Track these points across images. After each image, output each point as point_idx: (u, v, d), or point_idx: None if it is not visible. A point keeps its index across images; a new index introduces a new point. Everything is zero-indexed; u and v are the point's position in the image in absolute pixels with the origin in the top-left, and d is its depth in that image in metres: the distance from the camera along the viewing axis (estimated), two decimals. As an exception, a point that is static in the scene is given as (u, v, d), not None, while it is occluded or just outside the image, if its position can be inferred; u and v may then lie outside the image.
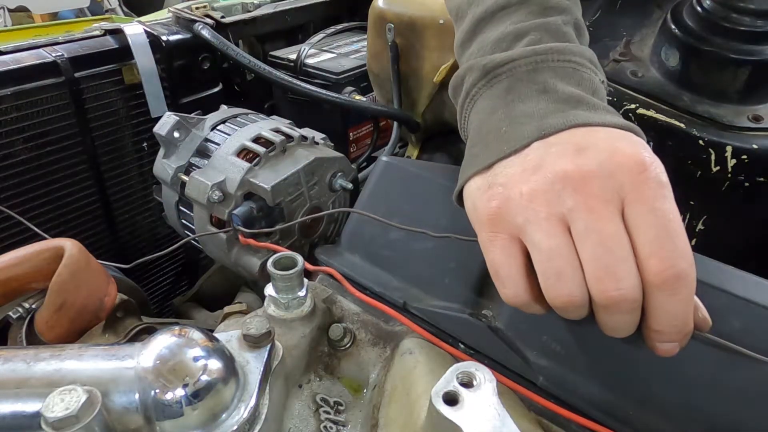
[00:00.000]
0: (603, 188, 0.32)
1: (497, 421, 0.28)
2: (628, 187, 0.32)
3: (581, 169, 0.33)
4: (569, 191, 0.33)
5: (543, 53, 0.41)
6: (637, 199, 0.32)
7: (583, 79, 0.41)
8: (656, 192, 0.32)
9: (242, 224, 0.64)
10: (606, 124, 0.37)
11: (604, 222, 0.32)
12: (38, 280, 0.51)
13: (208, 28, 0.89)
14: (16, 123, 0.78)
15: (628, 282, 0.32)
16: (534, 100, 0.39)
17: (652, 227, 0.32)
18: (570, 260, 0.33)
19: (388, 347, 0.47)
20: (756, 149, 0.52)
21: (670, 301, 0.32)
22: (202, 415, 0.34)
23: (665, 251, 0.31)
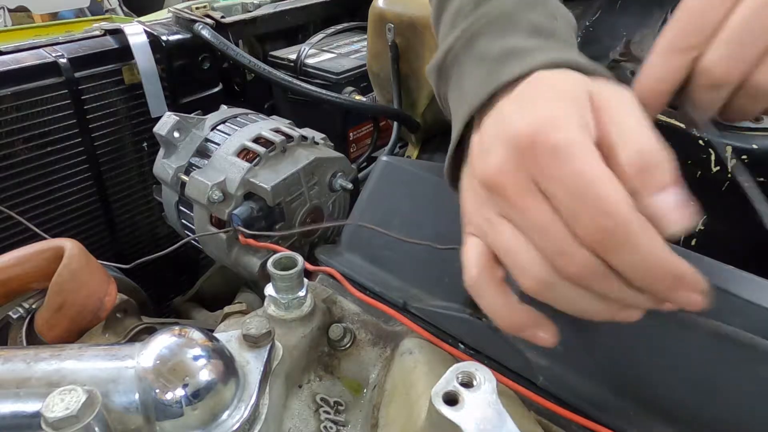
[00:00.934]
0: (514, 181, 0.32)
1: (497, 421, 0.28)
2: (531, 169, 0.32)
3: (493, 171, 0.33)
4: (494, 197, 0.34)
5: (471, 25, 0.41)
6: (542, 178, 0.31)
7: (517, 27, 0.40)
8: (553, 162, 0.30)
9: (242, 224, 0.65)
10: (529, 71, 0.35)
11: (530, 211, 0.32)
12: (38, 280, 0.51)
13: (208, 28, 0.89)
14: (16, 123, 0.78)
15: (578, 258, 0.31)
16: (473, 74, 0.39)
17: (563, 198, 0.30)
18: (522, 251, 0.33)
19: (388, 347, 0.47)
20: (756, 149, 0.52)
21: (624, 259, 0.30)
22: (202, 415, 0.34)
23: (582, 216, 0.30)
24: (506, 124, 0.33)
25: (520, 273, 0.33)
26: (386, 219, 0.54)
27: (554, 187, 0.31)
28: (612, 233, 0.29)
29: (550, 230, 0.31)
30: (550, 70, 0.35)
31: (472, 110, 0.38)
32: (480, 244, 0.37)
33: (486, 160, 0.34)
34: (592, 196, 0.29)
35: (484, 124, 0.36)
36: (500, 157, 0.33)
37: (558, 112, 0.32)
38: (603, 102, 0.33)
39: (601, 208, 0.29)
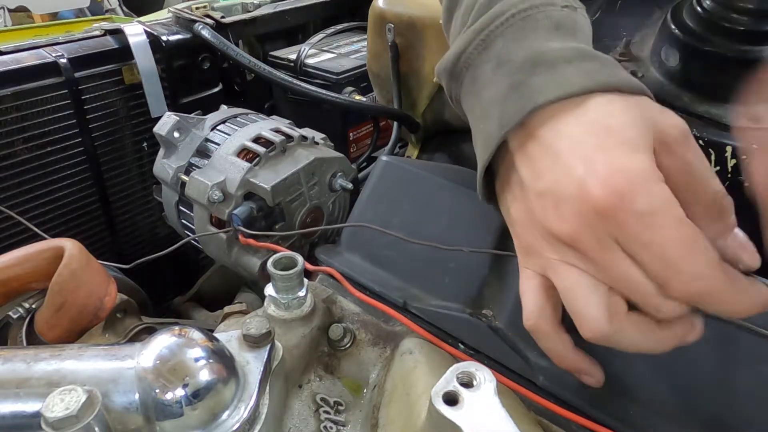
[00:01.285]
0: (595, 242, 0.31)
1: (497, 421, 0.28)
2: (614, 231, 0.31)
3: (568, 231, 0.32)
4: (565, 247, 0.33)
5: (485, 26, 0.38)
6: (626, 240, 0.31)
7: (537, 25, 0.37)
8: (639, 229, 0.30)
9: (242, 224, 0.64)
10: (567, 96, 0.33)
11: (614, 267, 0.31)
12: (38, 280, 0.51)
13: (208, 28, 0.89)
14: (16, 123, 0.78)
15: (665, 309, 0.31)
16: (493, 82, 0.37)
17: (651, 263, 0.30)
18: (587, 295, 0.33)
19: (388, 347, 0.47)
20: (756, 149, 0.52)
21: (711, 308, 0.31)
22: (202, 415, 0.34)
23: (673, 281, 0.30)
24: (577, 179, 0.31)
25: (583, 321, 0.33)
26: (386, 219, 0.54)
27: (641, 252, 0.30)
28: (703, 294, 0.30)
29: (636, 286, 0.31)
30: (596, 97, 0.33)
31: (503, 134, 0.35)
32: (539, 284, 0.36)
33: (559, 216, 0.33)
34: (683, 261, 0.30)
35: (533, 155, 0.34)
36: (578, 219, 0.32)
37: (634, 165, 0.30)
38: (668, 138, 0.32)
39: (692, 273, 0.30)
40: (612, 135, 0.32)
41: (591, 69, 0.34)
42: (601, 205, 0.30)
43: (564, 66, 0.34)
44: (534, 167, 0.34)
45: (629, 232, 0.30)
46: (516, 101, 0.35)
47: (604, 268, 0.32)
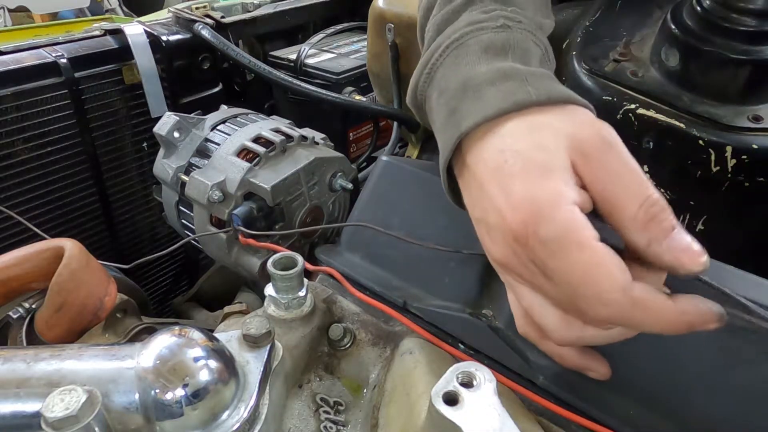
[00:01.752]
0: (520, 269, 0.33)
1: (497, 421, 0.28)
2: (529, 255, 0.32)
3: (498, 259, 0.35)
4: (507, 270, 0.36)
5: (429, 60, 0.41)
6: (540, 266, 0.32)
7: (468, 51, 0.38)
8: (545, 253, 0.31)
9: (242, 224, 0.64)
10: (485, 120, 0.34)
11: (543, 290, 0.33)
12: (38, 280, 0.51)
13: (208, 28, 0.89)
14: (16, 123, 0.78)
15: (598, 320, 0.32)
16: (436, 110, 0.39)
17: (560, 287, 0.32)
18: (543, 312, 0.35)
19: (388, 347, 0.47)
20: (756, 149, 0.52)
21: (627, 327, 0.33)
22: (202, 415, 0.34)
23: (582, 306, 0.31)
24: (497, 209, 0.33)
25: (548, 333, 0.35)
26: (386, 219, 0.54)
27: (552, 277, 0.31)
28: (613, 319, 0.31)
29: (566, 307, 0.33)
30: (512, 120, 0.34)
31: (445, 162, 0.37)
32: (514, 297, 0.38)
33: (491, 241, 0.35)
34: (585, 288, 0.30)
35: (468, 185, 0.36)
36: (502, 243, 0.33)
37: (540, 192, 0.31)
38: (589, 150, 0.32)
39: (596, 299, 0.30)
40: (522, 160, 0.32)
41: (509, 89, 0.35)
42: (516, 232, 0.32)
43: (487, 89, 0.35)
44: (470, 195, 0.36)
45: (538, 258, 0.31)
46: (450, 129, 0.36)
47: (536, 287, 0.34)
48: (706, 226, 0.58)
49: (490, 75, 0.36)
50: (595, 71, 0.61)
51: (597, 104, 0.60)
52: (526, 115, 0.34)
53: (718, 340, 0.39)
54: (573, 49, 0.65)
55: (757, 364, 0.38)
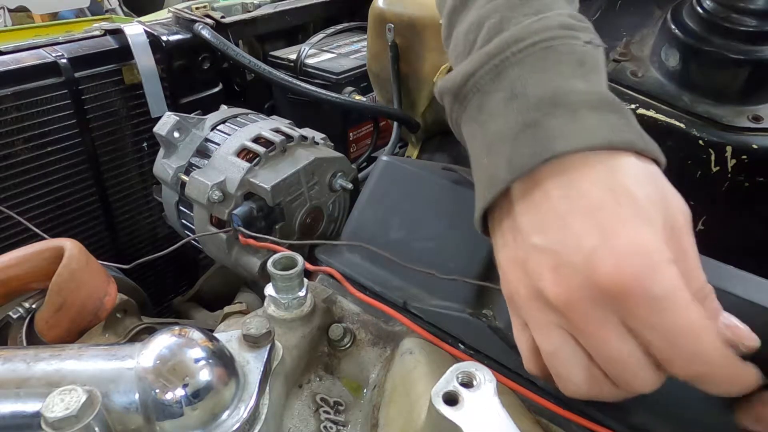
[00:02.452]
0: (594, 317, 0.30)
1: (497, 421, 0.28)
2: (620, 312, 0.30)
3: (564, 297, 0.30)
4: (557, 313, 0.31)
5: (500, 51, 0.34)
6: (634, 323, 0.30)
7: (560, 59, 0.33)
8: (651, 312, 0.29)
9: (242, 224, 0.64)
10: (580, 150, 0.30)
11: (607, 344, 0.30)
12: (38, 280, 0.51)
13: (208, 28, 0.89)
14: (16, 123, 0.78)
15: (650, 381, 0.31)
16: (503, 115, 0.34)
17: (658, 345, 0.30)
18: (571, 364, 0.32)
19: (388, 347, 0.47)
20: (756, 149, 0.52)
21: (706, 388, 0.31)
22: (202, 415, 0.34)
23: (677, 362, 0.30)
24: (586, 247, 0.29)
25: (565, 384, 0.33)
26: (386, 219, 0.54)
27: (647, 333, 0.29)
28: (704, 375, 0.30)
29: (623, 362, 0.30)
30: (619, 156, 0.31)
31: (512, 178, 0.32)
32: (530, 337, 0.35)
33: (557, 278, 0.30)
34: (691, 345, 0.29)
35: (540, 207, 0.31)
36: (579, 290, 0.29)
37: (651, 245, 0.29)
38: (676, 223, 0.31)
39: (698, 356, 0.29)
40: (633, 206, 0.30)
41: (617, 123, 0.31)
42: (611, 284, 0.29)
43: (587, 113, 0.31)
44: (537, 219, 0.32)
45: (638, 314, 0.29)
46: (529, 144, 0.32)
47: (594, 342, 0.31)
48: (706, 226, 0.58)
49: (590, 98, 0.32)
50: (595, 71, 0.61)
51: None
52: (634, 158, 0.31)
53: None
54: (573, 49, 0.65)
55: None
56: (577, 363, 0.32)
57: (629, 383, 0.31)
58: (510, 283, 0.34)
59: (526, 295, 0.33)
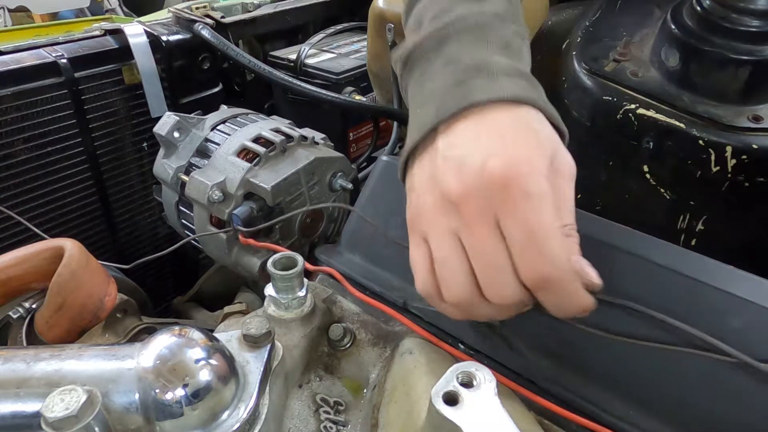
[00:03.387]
0: (478, 208, 0.35)
1: (497, 420, 0.28)
2: (498, 203, 0.35)
3: (460, 190, 0.36)
4: (454, 211, 0.36)
5: (444, 27, 0.42)
6: (506, 214, 0.35)
7: (489, 40, 0.41)
8: (522, 205, 0.34)
9: (242, 224, 0.65)
10: (493, 100, 0.37)
11: (482, 240, 0.35)
12: (38, 280, 0.51)
13: (208, 28, 0.89)
14: (16, 123, 0.78)
15: (509, 289, 0.36)
16: (439, 77, 0.41)
17: (518, 238, 0.34)
18: (456, 270, 0.37)
19: (388, 347, 0.47)
20: (756, 149, 0.52)
21: (548, 297, 0.36)
22: (202, 415, 0.34)
23: (530, 259, 0.34)
24: (485, 153, 0.35)
25: (446, 289, 0.38)
26: (386, 219, 0.54)
27: (514, 229, 0.34)
28: (545, 278, 0.35)
29: (491, 261, 0.35)
30: (525, 107, 0.38)
31: (439, 120, 0.39)
32: (425, 253, 0.39)
33: (458, 176, 0.36)
34: (546, 246, 0.34)
35: (457, 134, 0.38)
36: (473, 182, 0.35)
37: (535, 158, 0.35)
38: (560, 167, 0.37)
39: (549, 258, 0.34)
40: (530, 135, 0.36)
41: (526, 86, 0.39)
42: (498, 177, 0.34)
43: (504, 78, 0.38)
44: (452, 139, 0.38)
45: (511, 206, 0.34)
46: (454, 97, 0.39)
47: (476, 236, 0.36)
48: (706, 226, 0.58)
49: (507, 69, 0.39)
50: (595, 71, 0.61)
51: (597, 104, 0.60)
52: (536, 111, 0.38)
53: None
54: (573, 49, 0.65)
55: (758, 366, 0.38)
56: (461, 270, 0.37)
57: (494, 289, 0.36)
58: (419, 197, 0.39)
59: (432, 203, 0.38)
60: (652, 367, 0.40)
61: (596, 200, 0.64)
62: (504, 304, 0.36)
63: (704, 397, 0.38)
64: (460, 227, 0.36)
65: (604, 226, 0.47)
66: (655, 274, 0.41)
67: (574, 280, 0.35)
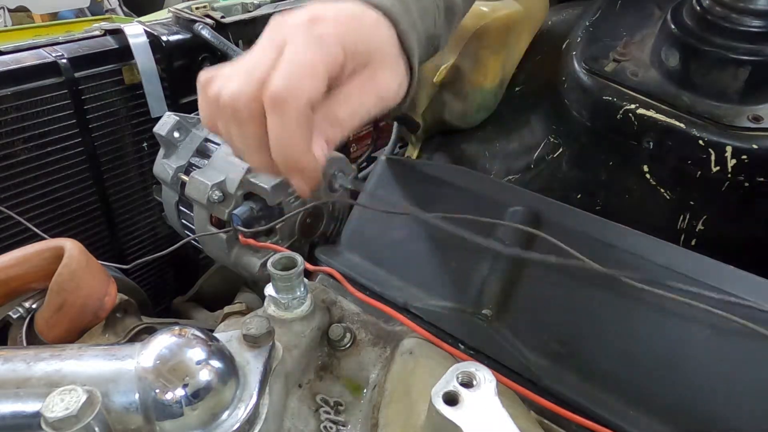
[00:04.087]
0: (276, 32, 0.38)
1: (497, 421, 0.28)
2: (290, 34, 0.37)
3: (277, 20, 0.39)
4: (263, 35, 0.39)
5: None
6: (289, 42, 0.37)
7: None
8: (305, 40, 0.36)
9: (242, 224, 0.64)
10: None
11: (260, 51, 0.38)
12: (38, 280, 0.51)
13: (208, 28, 0.89)
14: (16, 123, 0.78)
15: (244, 88, 0.37)
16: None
17: (284, 62, 0.36)
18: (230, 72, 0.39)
19: (388, 347, 0.47)
20: (756, 149, 0.52)
21: (273, 124, 0.36)
22: (202, 415, 0.34)
23: (281, 79, 0.35)
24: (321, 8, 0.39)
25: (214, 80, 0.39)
26: (386, 218, 0.54)
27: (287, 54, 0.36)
28: (278, 96, 0.35)
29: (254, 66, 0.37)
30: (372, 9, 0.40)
31: None
32: None
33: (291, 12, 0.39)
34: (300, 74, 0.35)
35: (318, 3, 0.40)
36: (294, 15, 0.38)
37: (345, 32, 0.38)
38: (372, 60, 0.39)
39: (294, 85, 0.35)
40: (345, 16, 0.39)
41: None
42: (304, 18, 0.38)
43: None
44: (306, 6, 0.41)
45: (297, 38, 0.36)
46: None
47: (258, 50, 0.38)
48: (706, 226, 0.58)
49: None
50: (595, 71, 0.61)
51: (597, 104, 0.60)
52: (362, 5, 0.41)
53: (718, 342, 0.39)
54: (573, 49, 0.65)
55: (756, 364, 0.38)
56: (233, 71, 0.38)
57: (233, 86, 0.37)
58: None
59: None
60: (653, 366, 0.40)
61: (596, 200, 0.64)
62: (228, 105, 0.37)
63: (706, 397, 0.38)
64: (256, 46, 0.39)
65: (604, 226, 0.47)
66: (655, 274, 0.41)
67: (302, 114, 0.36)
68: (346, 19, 0.39)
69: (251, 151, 0.39)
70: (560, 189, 0.65)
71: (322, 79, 0.36)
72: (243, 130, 0.38)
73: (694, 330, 0.40)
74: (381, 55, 0.40)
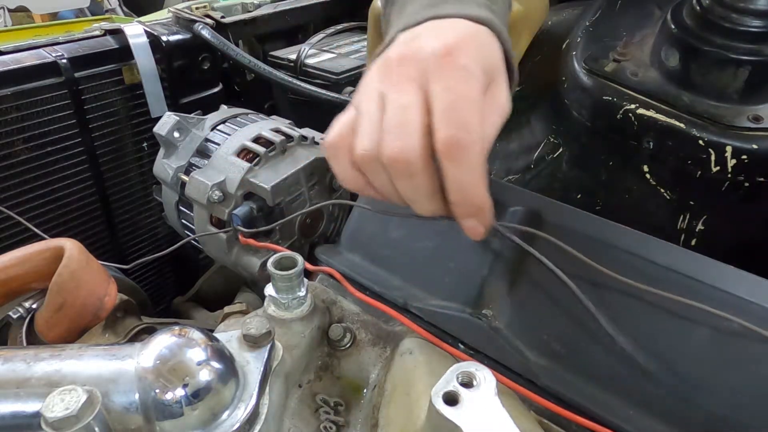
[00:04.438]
0: (411, 71, 0.37)
1: (497, 421, 0.28)
2: (432, 69, 0.36)
3: (399, 55, 0.38)
4: (388, 74, 0.38)
5: None
6: (436, 80, 0.36)
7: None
8: (454, 74, 0.36)
9: (242, 224, 0.65)
10: (456, 16, 0.41)
11: (404, 94, 0.37)
12: (38, 280, 0.51)
13: (208, 28, 0.89)
14: (16, 123, 0.78)
15: (409, 142, 0.35)
16: (416, 4, 0.44)
17: (443, 102, 0.35)
18: (370, 120, 0.38)
19: (388, 347, 0.47)
20: (756, 149, 0.52)
21: (455, 170, 0.35)
22: (202, 415, 0.34)
23: (450, 122, 0.35)
24: (443, 30, 0.39)
25: (359, 138, 0.38)
26: (386, 218, 0.54)
27: (438, 92, 0.35)
28: (460, 144, 0.35)
29: (404, 112, 0.36)
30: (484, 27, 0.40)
31: (409, 25, 0.42)
32: (351, 115, 0.40)
33: (402, 47, 0.39)
34: (467, 112, 0.35)
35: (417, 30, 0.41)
36: (413, 51, 0.38)
37: (478, 55, 0.37)
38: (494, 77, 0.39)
39: (468, 124, 0.35)
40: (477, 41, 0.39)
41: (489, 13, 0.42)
42: (438, 48, 0.37)
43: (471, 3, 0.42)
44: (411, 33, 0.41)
45: (444, 75, 0.36)
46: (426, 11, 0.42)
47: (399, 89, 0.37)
48: (706, 226, 0.58)
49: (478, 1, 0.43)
50: (595, 71, 0.61)
51: (597, 104, 0.60)
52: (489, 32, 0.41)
53: (718, 342, 0.39)
54: (573, 49, 0.65)
55: (756, 365, 0.38)
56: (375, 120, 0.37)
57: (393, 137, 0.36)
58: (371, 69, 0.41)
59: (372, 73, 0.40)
60: (652, 366, 0.40)
61: (596, 200, 0.64)
62: (399, 161, 0.36)
63: (706, 397, 0.38)
64: (389, 86, 0.38)
65: (604, 226, 0.47)
66: (655, 274, 0.41)
67: (482, 152, 0.36)
68: (473, 42, 0.38)
69: (424, 200, 0.38)
70: (560, 189, 0.65)
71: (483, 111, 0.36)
72: (414, 183, 0.37)
73: (694, 330, 0.40)
74: (498, 72, 0.40)
